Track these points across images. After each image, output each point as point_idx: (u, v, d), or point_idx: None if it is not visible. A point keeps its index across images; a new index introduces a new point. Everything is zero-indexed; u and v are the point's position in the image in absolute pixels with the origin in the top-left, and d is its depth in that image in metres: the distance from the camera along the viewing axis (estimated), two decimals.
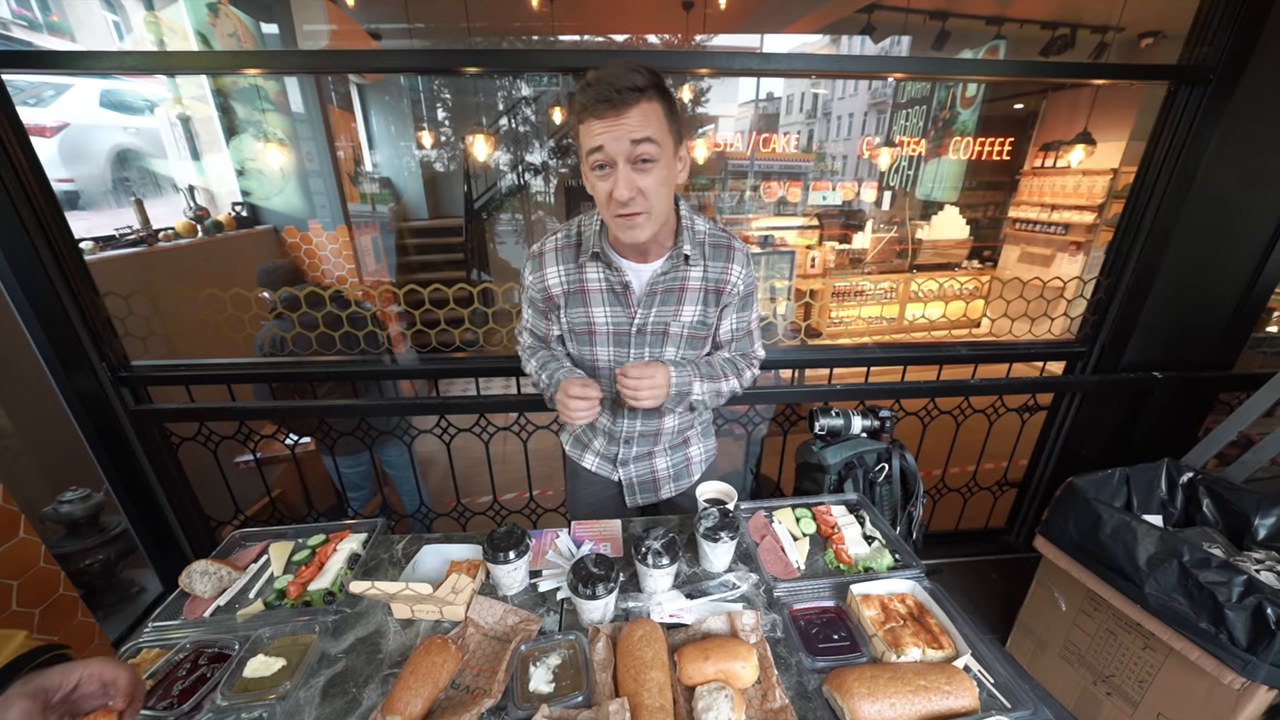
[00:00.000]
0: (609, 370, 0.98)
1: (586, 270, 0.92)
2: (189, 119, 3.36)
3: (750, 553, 0.94)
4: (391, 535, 1.04)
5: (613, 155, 0.75)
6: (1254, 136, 1.44)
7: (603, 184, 0.78)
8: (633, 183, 0.76)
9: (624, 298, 0.93)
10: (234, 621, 0.84)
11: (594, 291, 0.93)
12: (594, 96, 0.73)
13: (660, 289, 0.92)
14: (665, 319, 0.94)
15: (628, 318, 0.94)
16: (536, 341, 1.07)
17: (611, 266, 0.90)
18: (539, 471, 1.89)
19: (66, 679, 0.53)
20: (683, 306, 0.94)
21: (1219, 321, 1.69)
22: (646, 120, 0.74)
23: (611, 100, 0.72)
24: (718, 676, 0.69)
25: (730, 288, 0.94)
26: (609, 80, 0.73)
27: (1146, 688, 1.24)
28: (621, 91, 0.72)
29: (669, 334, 0.95)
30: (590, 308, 0.94)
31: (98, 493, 1.60)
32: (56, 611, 1.29)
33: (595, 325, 0.95)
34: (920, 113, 7.07)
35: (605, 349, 0.97)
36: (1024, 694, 0.68)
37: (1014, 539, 2.09)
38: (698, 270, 0.92)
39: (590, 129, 0.75)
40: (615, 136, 0.74)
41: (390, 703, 0.66)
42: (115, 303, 1.50)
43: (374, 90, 5.88)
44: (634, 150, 0.75)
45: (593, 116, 0.74)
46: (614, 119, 0.73)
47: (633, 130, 0.74)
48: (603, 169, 0.78)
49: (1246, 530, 1.30)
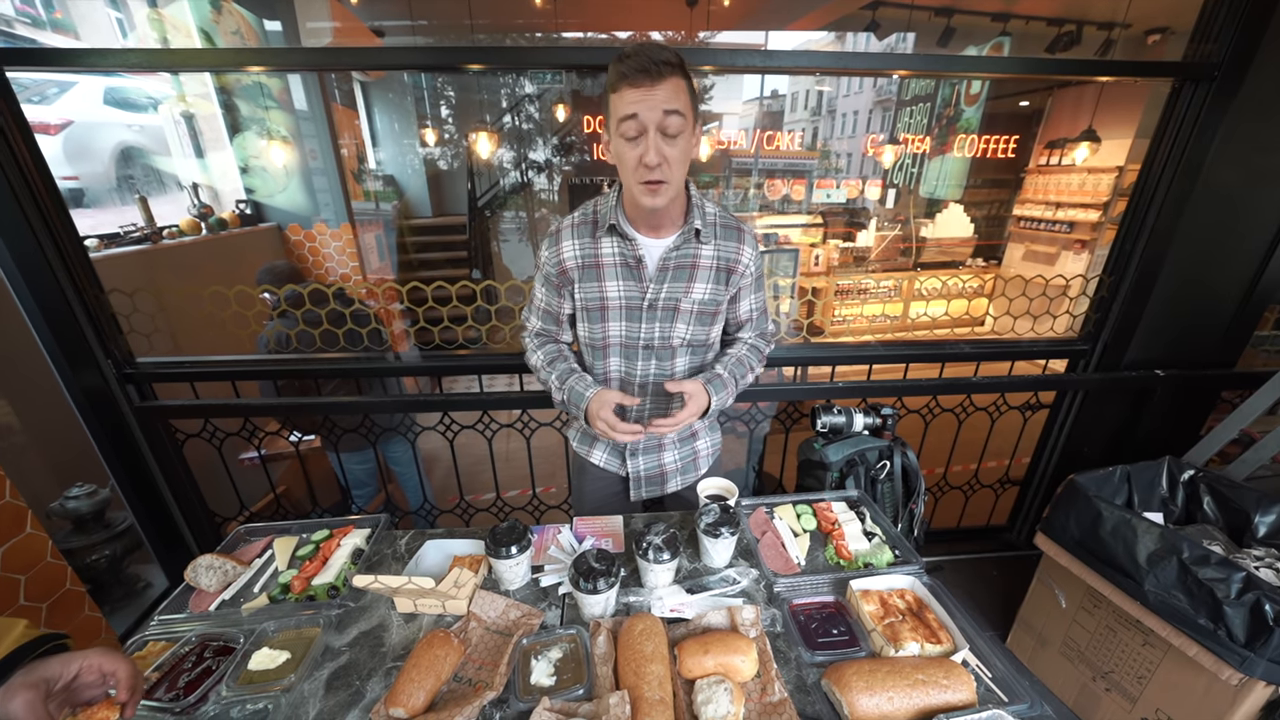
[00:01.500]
0: (619, 345, 1.01)
1: (601, 244, 0.96)
2: (193, 116, 3.37)
3: (751, 548, 0.95)
4: (395, 531, 1.05)
5: (645, 123, 0.80)
6: (1258, 134, 1.43)
7: (632, 150, 0.83)
8: (661, 150, 0.81)
9: (637, 272, 0.96)
10: (239, 615, 0.85)
11: (608, 265, 0.96)
12: (633, 66, 0.78)
13: (672, 264, 0.95)
14: (676, 295, 0.97)
15: (640, 292, 0.96)
16: (545, 327, 1.08)
17: (626, 239, 0.94)
18: (542, 469, 1.90)
19: (67, 669, 0.54)
20: (694, 284, 0.97)
21: (1221, 320, 1.69)
22: (677, 94, 0.80)
23: (649, 71, 0.78)
24: (717, 670, 0.70)
25: (743, 268, 0.99)
26: (647, 53, 0.78)
27: (1145, 684, 1.24)
28: (658, 64, 0.78)
29: (679, 310, 0.98)
30: (604, 282, 0.97)
31: (104, 488, 1.61)
32: (63, 606, 1.30)
33: (608, 300, 0.98)
34: (924, 110, 7.04)
35: (617, 324, 0.99)
36: (1022, 689, 0.68)
37: (1015, 536, 2.09)
38: (709, 248, 0.96)
39: (624, 97, 0.80)
40: (649, 106, 0.79)
41: (393, 695, 0.67)
42: (120, 300, 1.51)
43: (377, 88, 5.88)
44: (664, 120, 0.80)
45: (629, 85, 0.79)
46: (649, 88, 0.78)
47: (665, 101, 0.79)
48: (633, 136, 0.82)
49: (1247, 528, 1.30)
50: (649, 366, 1.02)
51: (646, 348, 1.00)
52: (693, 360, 1.04)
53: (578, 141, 6.18)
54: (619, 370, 1.04)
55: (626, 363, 1.03)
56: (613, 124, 0.84)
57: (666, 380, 0.98)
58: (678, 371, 1.03)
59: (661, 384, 1.01)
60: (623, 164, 0.86)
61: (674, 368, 1.03)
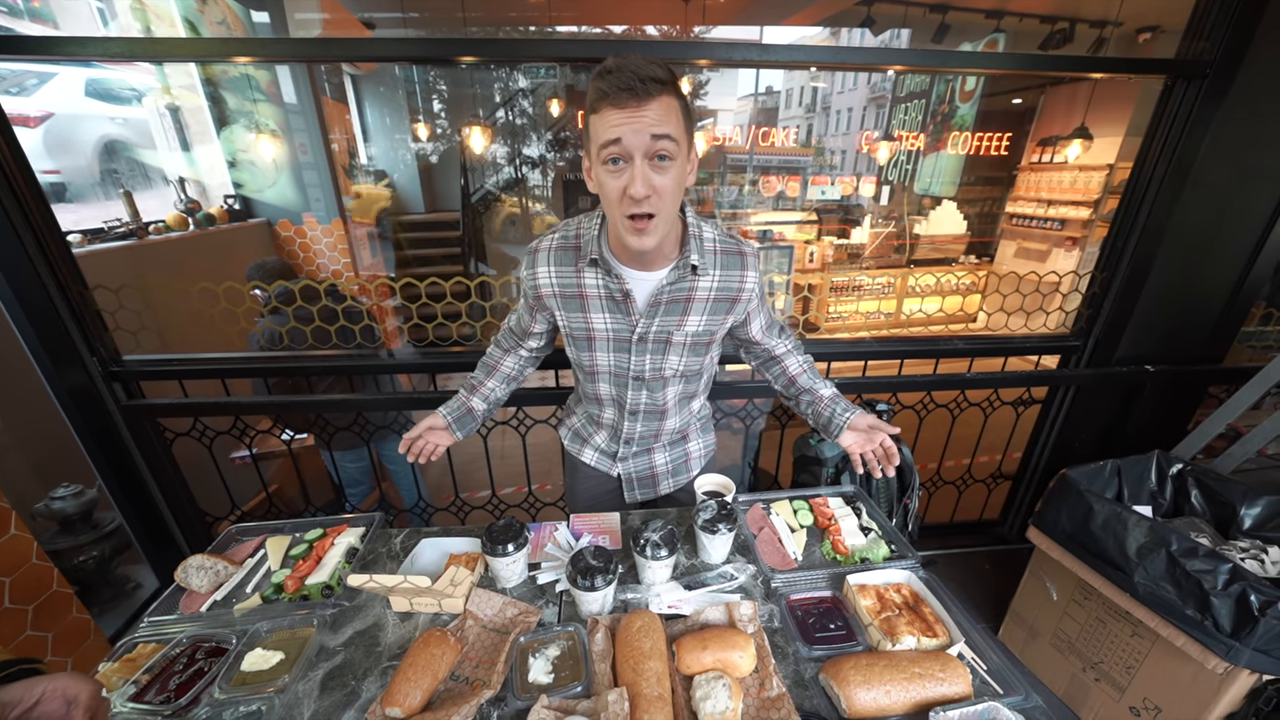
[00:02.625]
0: (609, 374, 0.97)
1: (584, 275, 0.88)
2: (178, 109, 3.30)
3: (748, 544, 0.95)
4: (389, 529, 1.03)
5: (630, 149, 0.70)
6: (1248, 132, 1.45)
7: (615, 180, 0.73)
8: (649, 180, 0.72)
9: (624, 306, 0.88)
10: (231, 616, 0.83)
11: (592, 298, 0.89)
12: (615, 84, 0.68)
13: (665, 299, 0.88)
14: (668, 329, 0.90)
15: (628, 326, 0.90)
16: (510, 340, 1.08)
17: (611, 274, 0.85)
18: (537, 466, 1.89)
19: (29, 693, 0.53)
20: (688, 317, 0.90)
21: (1210, 316, 1.71)
22: (667, 115, 0.70)
23: (634, 89, 0.67)
24: (715, 666, 0.70)
25: (747, 296, 0.92)
26: (632, 69, 0.68)
27: (1134, 674, 1.27)
28: (645, 81, 0.67)
29: (671, 343, 0.92)
30: (589, 314, 0.90)
31: (90, 489, 1.58)
32: (50, 608, 1.28)
33: (594, 332, 0.92)
34: (919, 106, 7.06)
35: (605, 355, 0.94)
36: (1016, 680, 0.69)
37: (1008, 530, 2.12)
38: (706, 280, 0.88)
39: (607, 119, 0.70)
40: (635, 130, 0.69)
41: (390, 694, 0.66)
42: (105, 296, 1.48)
43: (368, 81, 5.80)
44: (653, 145, 0.70)
45: (611, 105, 0.69)
46: (635, 110, 0.68)
47: (654, 124, 0.69)
48: (616, 164, 0.72)
49: (1233, 520, 1.33)
50: (639, 396, 0.98)
51: (637, 379, 0.95)
52: (686, 389, 1.01)
53: (572, 137, 6.14)
54: (610, 394, 1.00)
55: (617, 390, 0.98)
56: (593, 149, 0.73)
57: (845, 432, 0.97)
58: (669, 400, 0.99)
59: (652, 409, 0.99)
60: (605, 195, 0.75)
61: (665, 397, 0.99)
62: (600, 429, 1.09)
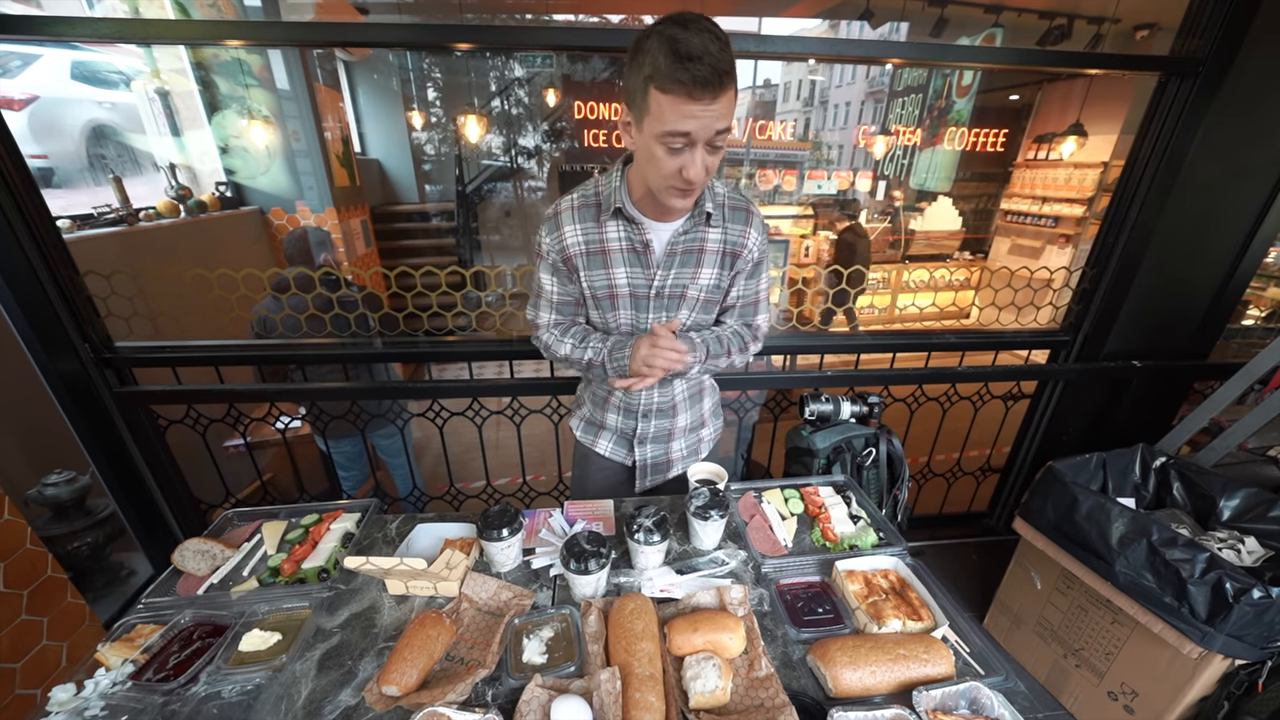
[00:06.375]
0: (627, 333, 0.99)
1: (607, 229, 0.91)
2: (168, 94, 3.23)
3: (739, 531, 0.96)
4: (385, 515, 1.04)
5: (697, 139, 0.73)
6: (1238, 130, 1.47)
7: (672, 160, 0.75)
8: (706, 163, 0.76)
9: (644, 257, 0.92)
10: (228, 598, 0.84)
11: (614, 251, 0.92)
12: (696, 76, 0.67)
13: (680, 249, 0.92)
14: (683, 281, 0.94)
15: (646, 279, 0.93)
16: (564, 317, 1.01)
17: (633, 223, 0.90)
18: (532, 456, 1.90)
19: None
20: (701, 269, 0.94)
21: (1196, 313, 1.74)
22: (730, 106, 0.72)
23: (712, 84, 0.68)
24: (706, 647, 0.71)
25: (746, 252, 0.95)
26: (712, 60, 0.67)
27: (1113, 660, 1.30)
28: (722, 76, 0.68)
29: (686, 297, 0.95)
30: (611, 269, 0.93)
31: (84, 475, 1.58)
32: (45, 593, 1.28)
33: (616, 287, 0.94)
34: (916, 101, 7.04)
35: (626, 311, 0.97)
36: (997, 662, 0.71)
37: (995, 522, 2.16)
38: (717, 232, 0.93)
39: (679, 108, 0.69)
40: (705, 123, 0.71)
41: (386, 673, 0.67)
42: (96, 282, 1.47)
43: (362, 68, 5.71)
44: (715, 136, 0.73)
45: (687, 96, 0.68)
46: (708, 104, 0.69)
47: (720, 117, 0.72)
48: (679, 149, 0.74)
49: (1212, 511, 1.36)
50: None
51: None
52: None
53: (568, 127, 6.08)
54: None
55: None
56: (649, 123, 0.73)
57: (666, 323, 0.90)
58: None
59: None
60: (658, 167, 0.77)
61: None
62: (614, 409, 1.09)
